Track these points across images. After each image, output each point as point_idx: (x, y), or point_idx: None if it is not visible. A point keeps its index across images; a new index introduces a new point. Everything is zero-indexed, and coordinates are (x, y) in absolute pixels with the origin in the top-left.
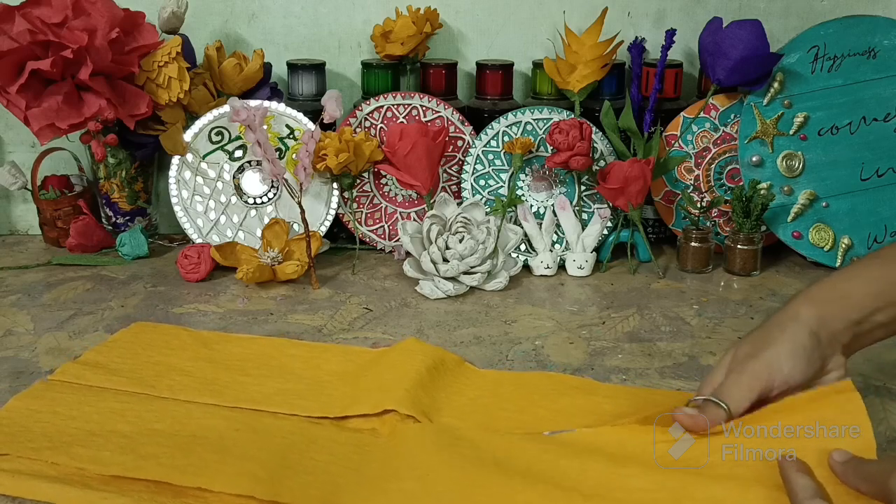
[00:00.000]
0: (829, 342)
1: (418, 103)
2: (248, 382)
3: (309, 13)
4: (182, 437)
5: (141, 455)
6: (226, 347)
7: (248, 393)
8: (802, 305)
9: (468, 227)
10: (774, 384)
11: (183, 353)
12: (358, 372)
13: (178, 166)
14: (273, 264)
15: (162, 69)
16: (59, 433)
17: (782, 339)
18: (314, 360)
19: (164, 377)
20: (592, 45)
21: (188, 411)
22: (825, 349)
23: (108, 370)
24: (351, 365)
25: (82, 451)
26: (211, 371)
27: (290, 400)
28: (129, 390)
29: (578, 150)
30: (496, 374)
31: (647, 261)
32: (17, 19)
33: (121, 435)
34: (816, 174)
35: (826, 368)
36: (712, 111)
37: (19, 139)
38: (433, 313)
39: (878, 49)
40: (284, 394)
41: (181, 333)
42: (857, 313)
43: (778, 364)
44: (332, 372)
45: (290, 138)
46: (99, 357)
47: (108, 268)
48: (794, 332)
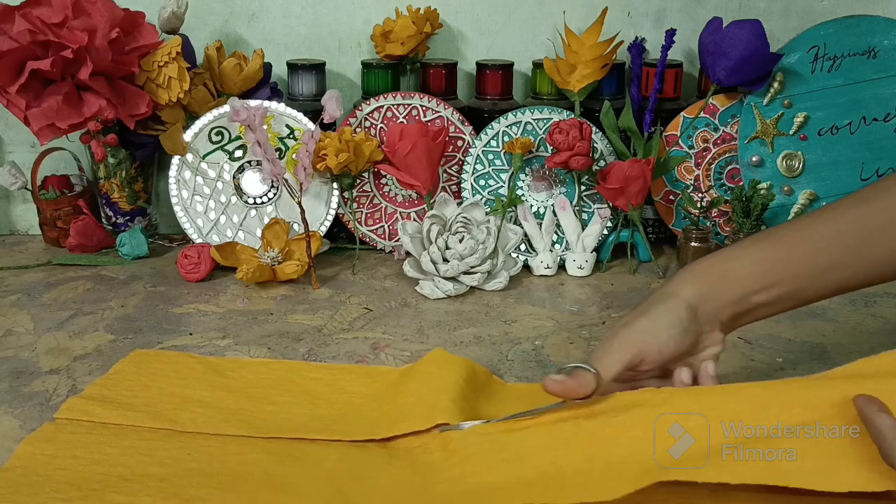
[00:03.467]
0: (706, 319)
1: (418, 103)
2: (276, 411)
3: (309, 13)
4: (225, 476)
5: (186, 499)
6: (240, 374)
7: (279, 421)
8: (683, 282)
9: (468, 227)
10: (647, 352)
11: (196, 383)
12: (390, 390)
13: (178, 166)
14: (273, 264)
15: (162, 69)
16: (87, 480)
17: (659, 311)
18: (338, 383)
19: (184, 410)
20: (592, 45)
21: (222, 445)
22: (702, 325)
23: (120, 405)
24: (378, 385)
25: (119, 499)
26: (232, 400)
27: (328, 426)
28: (148, 426)
29: (578, 150)
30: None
31: (647, 261)
32: (17, 19)
33: (157, 479)
34: (816, 174)
35: (702, 344)
36: (712, 111)
37: (19, 139)
38: (433, 313)
39: (878, 49)
40: (319, 420)
41: (188, 361)
42: (736, 293)
43: (652, 333)
44: (360, 394)
45: (290, 138)
46: (105, 391)
47: (108, 268)
48: (671, 305)
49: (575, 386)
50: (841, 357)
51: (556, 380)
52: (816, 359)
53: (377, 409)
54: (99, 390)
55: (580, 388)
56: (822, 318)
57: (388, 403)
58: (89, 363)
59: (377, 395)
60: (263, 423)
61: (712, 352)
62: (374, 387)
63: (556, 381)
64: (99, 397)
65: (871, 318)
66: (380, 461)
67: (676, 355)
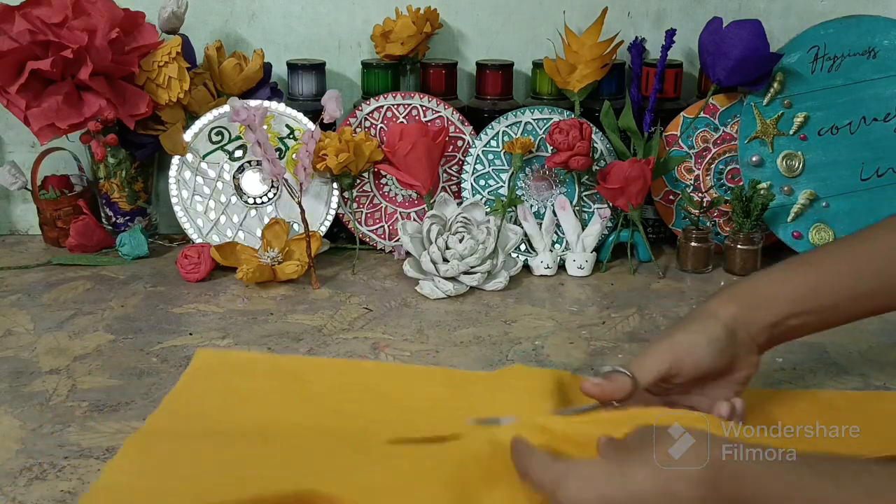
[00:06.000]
0: (743, 341)
1: (418, 103)
2: (363, 425)
3: (309, 13)
4: (335, 467)
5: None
6: (316, 380)
7: (369, 430)
8: (722, 304)
9: (468, 227)
10: (684, 364)
11: (274, 398)
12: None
13: (178, 166)
14: (273, 264)
15: (162, 69)
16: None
17: (698, 329)
18: (418, 392)
19: (270, 427)
20: (592, 45)
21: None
22: (739, 347)
23: (206, 416)
24: (457, 389)
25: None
26: (315, 414)
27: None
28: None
29: (578, 150)
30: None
31: (647, 261)
32: (17, 19)
33: (257, 478)
34: (816, 174)
35: (737, 366)
36: (712, 111)
37: (19, 139)
38: (433, 313)
39: (877, 49)
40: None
41: (255, 368)
42: (773, 317)
43: (690, 347)
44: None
45: (290, 138)
46: (181, 407)
47: (108, 268)
48: (710, 325)
49: (611, 389)
50: (841, 357)
51: (595, 382)
52: (816, 359)
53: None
54: (177, 405)
55: (616, 391)
56: None
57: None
58: (89, 363)
59: (457, 398)
60: (352, 435)
61: (746, 374)
62: (453, 389)
63: (594, 385)
64: (182, 413)
65: (871, 318)
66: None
67: (711, 373)
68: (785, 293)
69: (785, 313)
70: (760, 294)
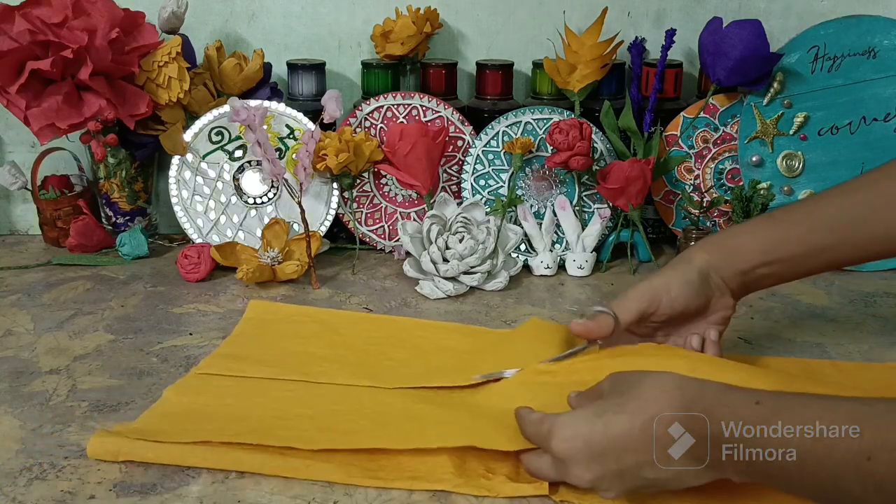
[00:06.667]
0: (716, 284)
1: (418, 103)
2: (394, 365)
3: (309, 13)
4: (369, 413)
5: (341, 432)
6: (354, 331)
7: (400, 374)
8: (696, 251)
9: (468, 227)
10: (661, 303)
11: (318, 341)
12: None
13: (178, 166)
14: (273, 264)
15: (162, 69)
16: (246, 419)
17: (674, 273)
18: (444, 342)
19: (312, 365)
20: (592, 45)
21: (359, 394)
22: (712, 289)
23: (255, 360)
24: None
25: (282, 433)
26: (353, 357)
27: (443, 375)
28: (285, 378)
29: (578, 150)
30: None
31: (647, 261)
32: (17, 19)
33: (308, 417)
34: (816, 174)
35: (713, 307)
36: (712, 111)
37: (19, 139)
38: (433, 313)
39: (877, 49)
40: (434, 370)
41: (304, 319)
42: (742, 265)
43: (665, 287)
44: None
45: (290, 138)
46: (236, 350)
47: (108, 268)
48: (685, 268)
49: (595, 327)
50: (841, 357)
51: (580, 322)
52: (816, 359)
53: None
54: (231, 349)
55: (600, 329)
56: (822, 318)
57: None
58: (89, 363)
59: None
60: (386, 375)
61: (723, 315)
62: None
63: (580, 324)
64: (233, 355)
65: (871, 318)
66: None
67: (688, 312)
68: (755, 244)
69: (753, 263)
70: (732, 244)
